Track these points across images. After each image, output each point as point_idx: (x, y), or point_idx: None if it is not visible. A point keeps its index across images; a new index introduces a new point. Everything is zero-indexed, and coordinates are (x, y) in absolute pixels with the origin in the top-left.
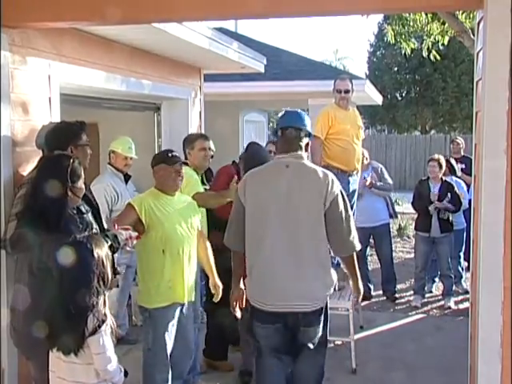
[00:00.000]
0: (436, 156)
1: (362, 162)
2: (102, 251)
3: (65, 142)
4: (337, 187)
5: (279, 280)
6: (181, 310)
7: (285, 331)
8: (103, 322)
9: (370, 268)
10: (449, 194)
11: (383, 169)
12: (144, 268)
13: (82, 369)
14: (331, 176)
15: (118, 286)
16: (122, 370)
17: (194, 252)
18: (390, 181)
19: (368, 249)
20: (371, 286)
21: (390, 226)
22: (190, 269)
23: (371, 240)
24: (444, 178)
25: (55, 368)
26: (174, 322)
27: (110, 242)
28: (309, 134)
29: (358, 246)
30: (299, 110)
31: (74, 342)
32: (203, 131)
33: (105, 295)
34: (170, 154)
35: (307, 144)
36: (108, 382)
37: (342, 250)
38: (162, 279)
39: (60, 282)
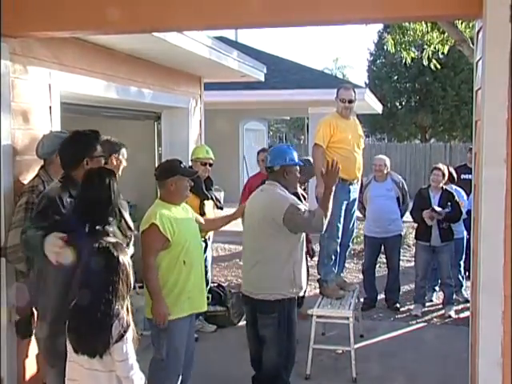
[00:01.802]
0: (440, 165)
1: (382, 171)
2: (126, 257)
3: (81, 154)
4: (285, 204)
5: (244, 271)
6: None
7: (251, 310)
8: (128, 327)
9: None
10: (449, 204)
11: (404, 184)
12: (161, 281)
13: (104, 376)
14: (278, 197)
15: None
16: (143, 378)
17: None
18: (408, 199)
19: (378, 259)
20: (378, 297)
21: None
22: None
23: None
24: (444, 187)
25: (77, 376)
26: (190, 332)
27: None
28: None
29: (321, 222)
30: (276, 148)
31: (100, 346)
32: (203, 140)
33: (128, 301)
34: (183, 165)
35: (283, 170)
36: None
37: (313, 231)
38: (183, 290)
39: (86, 286)
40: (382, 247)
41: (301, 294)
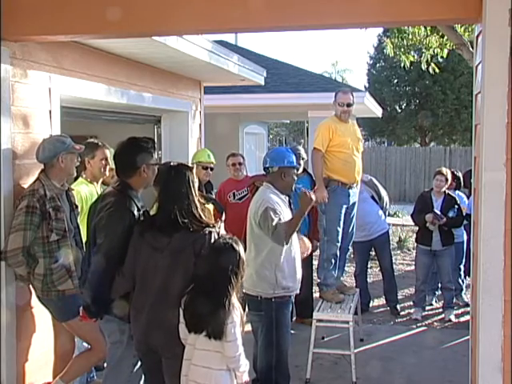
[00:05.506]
0: (444, 170)
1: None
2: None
3: (140, 161)
4: (262, 207)
5: None
6: None
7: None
8: (237, 311)
9: (369, 280)
10: (455, 208)
11: (373, 180)
12: None
13: (212, 355)
14: (262, 199)
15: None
16: (248, 364)
17: None
18: (383, 193)
19: (368, 262)
20: (370, 300)
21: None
22: None
23: (372, 253)
24: (447, 192)
25: (190, 356)
26: None
27: None
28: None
29: (281, 237)
30: (275, 149)
31: (217, 329)
32: (203, 144)
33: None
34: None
35: (281, 172)
36: (232, 371)
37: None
38: None
39: (209, 278)
40: (373, 250)
41: (291, 293)
